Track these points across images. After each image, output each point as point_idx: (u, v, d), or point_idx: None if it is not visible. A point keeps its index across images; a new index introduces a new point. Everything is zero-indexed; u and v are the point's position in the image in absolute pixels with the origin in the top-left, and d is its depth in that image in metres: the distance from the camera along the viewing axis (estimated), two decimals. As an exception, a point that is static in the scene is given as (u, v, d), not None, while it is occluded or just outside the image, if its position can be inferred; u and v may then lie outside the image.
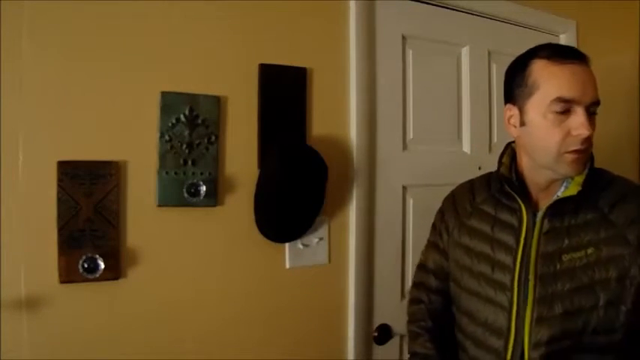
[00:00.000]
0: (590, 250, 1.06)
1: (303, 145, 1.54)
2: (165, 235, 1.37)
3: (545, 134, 1.08)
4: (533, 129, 1.10)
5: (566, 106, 1.05)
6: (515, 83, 1.15)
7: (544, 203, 1.14)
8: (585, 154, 1.09)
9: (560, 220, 1.10)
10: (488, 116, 2.00)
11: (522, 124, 1.13)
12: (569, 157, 1.07)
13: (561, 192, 1.13)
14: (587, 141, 1.07)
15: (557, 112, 1.06)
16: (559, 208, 1.10)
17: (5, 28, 1.18)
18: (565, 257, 1.07)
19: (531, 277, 1.09)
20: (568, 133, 1.06)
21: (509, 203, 1.17)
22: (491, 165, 1.97)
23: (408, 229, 1.81)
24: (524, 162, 1.17)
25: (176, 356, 1.38)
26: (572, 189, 1.11)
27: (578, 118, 1.05)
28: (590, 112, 1.06)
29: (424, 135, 1.84)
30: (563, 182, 1.14)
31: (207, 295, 1.43)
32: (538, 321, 1.07)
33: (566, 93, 1.05)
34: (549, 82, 1.07)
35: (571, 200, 1.09)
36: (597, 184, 1.12)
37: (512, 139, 1.22)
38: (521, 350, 1.09)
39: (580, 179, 1.10)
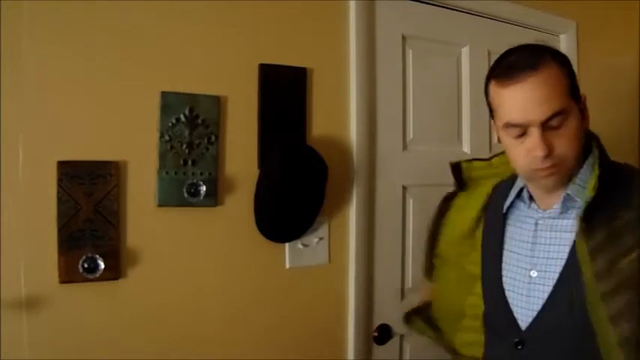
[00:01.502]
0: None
1: (303, 145, 1.54)
2: (165, 235, 1.37)
3: (511, 155, 1.07)
4: (505, 148, 1.10)
5: (518, 130, 1.01)
6: (486, 101, 1.13)
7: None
8: (557, 168, 1.02)
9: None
10: (489, 116, 1.99)
11: (499, 140, 1.12)
12: (540, 173, 1.04)
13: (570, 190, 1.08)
14: (552, 158, 1.01)
15: (512, 137, 1.03)
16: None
17: (5, 29, 1.18)
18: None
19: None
20: (529, 153, 1.02)
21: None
22: (491, 165, 1.98)
23: (408, 229, 1.81)
24: None
25: (176, 356, 1.38)
26: (586, 193, 1.05)
27: (532, 140, 1.00)
28: (551, 127, 0.99)
29: (424, 135, 1.84)
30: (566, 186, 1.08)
31: (207, 295, 1.43)
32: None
33: (514, 118, 1.01)
34: (500, 107, 1.04)
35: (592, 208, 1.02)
36: (615, 184, 1.05)
37: None
38: None
39: (592, 183, 1.03)
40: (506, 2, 2.03)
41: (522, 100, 1.00)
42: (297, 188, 1.48)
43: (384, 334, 1.74)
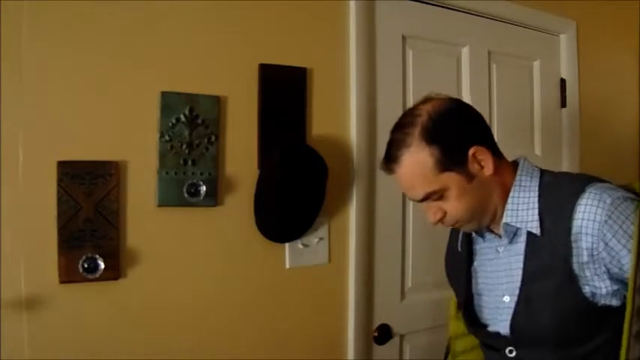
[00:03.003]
0: None
1: (303, 145, 1.54)
2: (165, 235, 1.37)
3: None
4: None
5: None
6: None
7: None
8: (461, 223, 1.12)
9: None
10: (488, 116, 2.00)
11: None
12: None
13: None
14: (448, 219, 1.10)
15: None
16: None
17: (5, 28, 1.18)
18: None
19: None
20: None
21: None
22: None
23: (408, 229, 1.81)
24: None
25: (176, 355, 1.37)
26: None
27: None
28: (434, 200, 1.08)
29: (424, 135, 1.84)
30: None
31: (207, 294, 1.43)
32: None
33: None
34: None
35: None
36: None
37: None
38: None
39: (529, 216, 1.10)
40: (506, 2, 2.02)
41: (399, 184, 1.12)
42: (297, 188, 1.48)
43: (384, 334, 1.74)
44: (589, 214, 1.02)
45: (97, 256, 1.26)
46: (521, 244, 1.11)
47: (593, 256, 1.02)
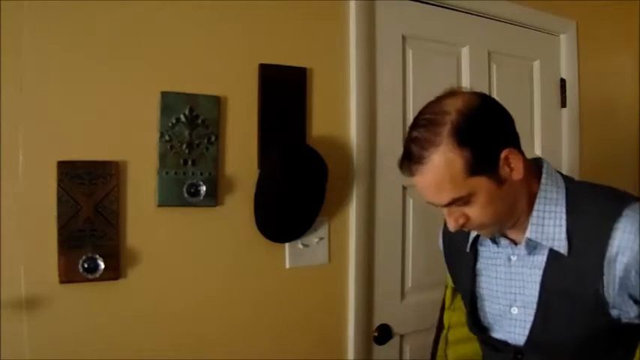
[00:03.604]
0: None
1: (303, 145, 1.54)
2: (165, 235, 1.37)
3: None
4: None
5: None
6: None
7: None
8: (482, 228, 1.04)
9: None
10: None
11: None
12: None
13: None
14: (469, 225, 1.02)
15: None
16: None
17: (5, 28, 1.18)
18: None
19: None
20: None
21: None
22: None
23: (408, 229, 1.81)
24: None
25: (176, 356, 1.37)
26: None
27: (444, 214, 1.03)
28: (457, 206, 0.99)
29: (424, 135, 1.84)
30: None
31: (207, 294, 1.43)
32: None
33: (424, 197, 1.02)
34: None
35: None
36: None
37: None
38: None
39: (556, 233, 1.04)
40: (506, 2, 2.02)
41: (420, 188, 1.01)
42: (297, 188, 1.48)
43: (384, 334, 1.74)
44: (627, 241, 0.96)
45: (97, 256, 1.26)
46: (540, 258, 1.05)
47: (623, 283, 0.98)
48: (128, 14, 1.32)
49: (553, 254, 1.03)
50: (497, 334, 1.14)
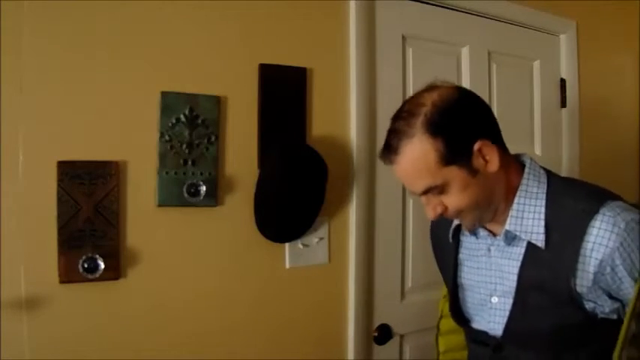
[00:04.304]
0: None
1: (303, 145, 1.54)
2: (165, 235, 1.37)
3: None
4: None
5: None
6: None
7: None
8: (461, 216, 1.07)
9: None
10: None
11: None
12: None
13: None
14: (449, 213, 1.05)
15: None
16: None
17: (5, 28, 1.18)
18: None
19: None
20: None
21: None
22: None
23: (408, 229, 1.81)
24: None
25: (176, 356, 1.37)
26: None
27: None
28: (433, 194, 1.03)
29: (424, 135, 1.84)
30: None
31: (207, 295, 1.43)
32: None
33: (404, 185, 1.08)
34: None
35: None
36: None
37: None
38: None
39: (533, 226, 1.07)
40: (506, 2, 2.02)
41: (399, 176, 1.05)
42: (297, 188, 1.48)
43: (384, 334, 1.74)
44: (602, 238, 0.98)
45: (97, 256, 1.26)
46: (518, 250, 1.08)
47: (596, 278, 1.00)
48: (128, 14, 1.32)
49: (531, 247, 1.05)
50: (478, 324, 1.17)
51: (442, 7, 1.87)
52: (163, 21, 1.36)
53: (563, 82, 2.22)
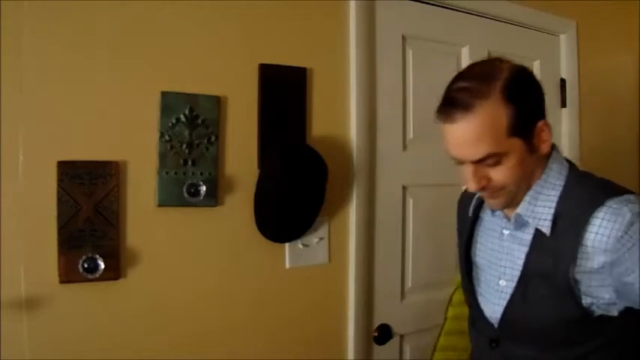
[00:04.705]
0: None
1: (303, 145, 1.54)
2: (165, 235, 1.37)
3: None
4: None
5: (457, 161, 1.03)
6: None
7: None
8: (496, 194, 1.05)
9: None
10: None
11: None
12: (482, 196, 1.09)
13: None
14: (488, 189, 1.03)
15: (455, 163, 1.04)
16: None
17: (5, 28, 1.18)
18: None
19: None
20: (465, 182, 1.05)
21: None
22: (491, 165, 1.98)
23: (408, 229, 1.81)
24: None
25: (176, 355, 1.38)
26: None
27: (466, 173, 1.02)
28: (486, 164, 1.00)
29: (424, 135, 1.84)
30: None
31: (207, 295, 1.43)
32: None
33: (450, 152, 1.03)
34: (442, 135, 1.05)
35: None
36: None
37: None
38: None
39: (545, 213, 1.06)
40: (506, 2, 2.03)
41: (455, 139, 1.01)
42: (297, 188, 1.48)
43: (384, 334, 1.74)
44: (604, 229, 0.97)
45: (97, 256, 1.26)
46: (527, 236, 1.08)
47: (603, 268, 0.99)
48: (128, 14, 1.32)
49: (538, 233, 1.05)
50: (484, 305, 1.16)
51: (442, 7, 1.87)
52: (163, 21, 1.36)
53: (563, 82, 2.22)
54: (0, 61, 1.17)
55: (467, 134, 0.98)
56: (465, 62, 1.94)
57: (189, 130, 1.38)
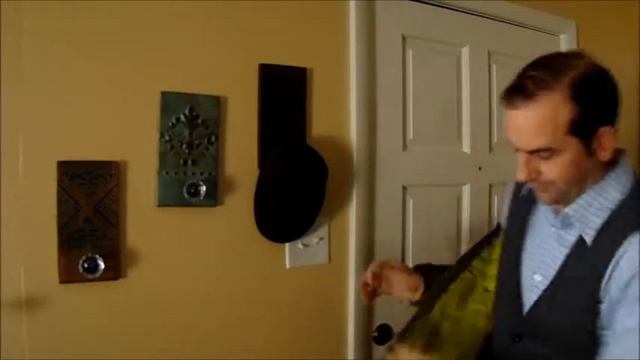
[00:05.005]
0: None
1: (303, 145, 1.54)
2: (166, 235, 1.37)
3: None
4: None
5: (515, 147, 1.01)
6: None
7: None
8: (545, 189, 1.02)
9: None
10: (488, 116, 2.00)
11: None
12: (532, 187, 1.06)
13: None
14: (537, 182, 1.01)
15: (513, 148, 1.02)
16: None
17: (5, 28, 1.18)
18: None
19: None
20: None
21: None
22: (491, 165, 1.98)
23: (408, 229, 1.81)
24: None
25: (176, 355, 1.38)
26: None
27: (519, 160, 1.01)
28: (540, 155, 0.98)
29: (424, 135, 1.84)
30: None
31: (207, 294, 1.43)
32: None
33: (509, 137, 1.01)
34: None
35: None
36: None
37: None
38: None
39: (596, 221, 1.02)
40: (506, 2, 2.03)
41: (513, 125, 0.99)
42: (297, 188, 1.48)
43: (384, 334, 1.74)
44: (631, 258, 0.94)
45: (97, 256, 1.26)
46: (571, 238, 1.04)
47: (614, 291, 0.96)
48: (128, 14, 1.31)
49: (580, 240, 1.02)
50: (522, 293, 1.12)
51: (442, 7, 1.87)
52: (163, 21, 1.36)
53: (563, 82, 2.22)
54: (0, 60, 1.17)
55: (525, 123, 0.97)
56: (465, 62, 1.95)
57: (189, 130, 1.38)
